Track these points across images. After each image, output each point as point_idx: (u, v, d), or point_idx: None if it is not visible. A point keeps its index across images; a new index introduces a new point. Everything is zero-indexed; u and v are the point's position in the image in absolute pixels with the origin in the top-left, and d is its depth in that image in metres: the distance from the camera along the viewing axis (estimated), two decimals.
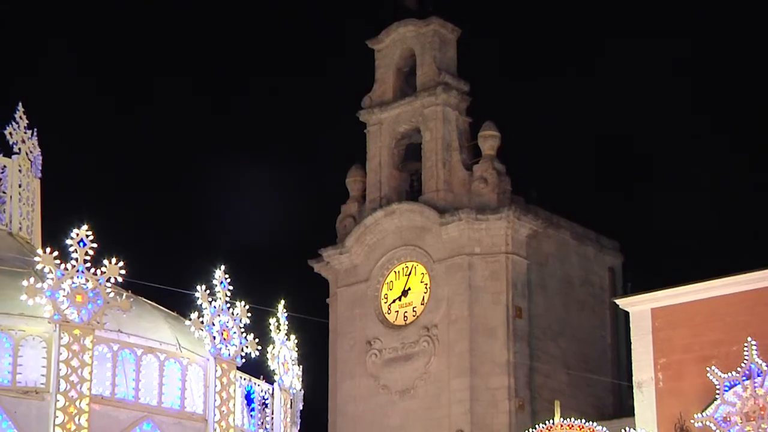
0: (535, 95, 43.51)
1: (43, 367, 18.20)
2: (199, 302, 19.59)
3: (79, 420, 17.98)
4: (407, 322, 37.69)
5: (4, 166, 21.18)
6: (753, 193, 41.24)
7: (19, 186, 21.37)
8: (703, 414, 23.01)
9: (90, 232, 18.56)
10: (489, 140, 37.94)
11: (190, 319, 19.58)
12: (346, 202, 39.89)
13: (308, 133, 48.29)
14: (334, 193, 40.29)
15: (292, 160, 49.02)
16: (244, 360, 20.04)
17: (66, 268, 18.36)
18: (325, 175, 42.98)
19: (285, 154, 48.68)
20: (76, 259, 18.44)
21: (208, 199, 46.15)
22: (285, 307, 21.20)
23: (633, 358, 31.01)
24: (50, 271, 18.28)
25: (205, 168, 48.47)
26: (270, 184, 46.77)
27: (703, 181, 42.93)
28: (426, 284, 37.65)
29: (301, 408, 21.93)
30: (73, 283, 18.31)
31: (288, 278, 38.11)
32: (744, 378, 22.74)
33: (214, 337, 19.57)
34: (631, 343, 31.26)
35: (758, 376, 22.67)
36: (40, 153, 21.68)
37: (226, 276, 19.86)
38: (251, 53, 50.79)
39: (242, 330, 19.93)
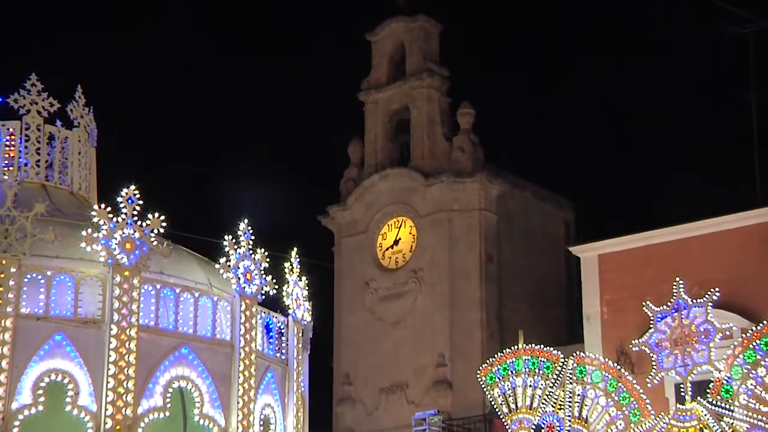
0: (505, 78, 43.51)
1: (99, 302, 18.31)
2: (226, 249, 19.69)
3: (129, 345, 18.11)
4: (398, 266, 37.88)
5: (66, 137, 21.22)
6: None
7: (79, 153, 21.41)
8: (639, 340, 23.11)
9: (137, 192, 18.66)
10: (465, 117, 38.11)
11: (219, 264, 19.68)
12: (347, 167, 40.01)
13: (315, 112, 48.31)
14: (338, 160, 40.46)
15: (303, 132, 49.07)
16: (263, 297, 20.15)
17: (117, 221, 18.45)
18: (330, 145, 42.96)
19: (296, 129, 48.69)
20: (126, 214, 18.54)
21: (236, 166, 46.28)
22: (297, 253, 21.29)
23: (583, 296, 31.19)
24: (104, 224, 18.39)
25: (232, 142, 48.62)
26: (285, 153, 46.91)
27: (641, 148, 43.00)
28: (414, 235, 37.82)
29: (311, 336, 22.03)
30: (123, 233, 18.40)
31: (300, 231, 38.16)
32: (673, 311, 22.81)
33: (239, 278, 19.67)
34: (581, 283, 31.45)
35: (684, 309, 22.74)
36: (95, 126, 21.71)
37: (249, 228, 19.96)
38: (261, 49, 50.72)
39: (262, 272, 20.04)
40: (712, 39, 39.86)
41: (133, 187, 18.68)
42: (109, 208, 18.61)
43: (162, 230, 18.77)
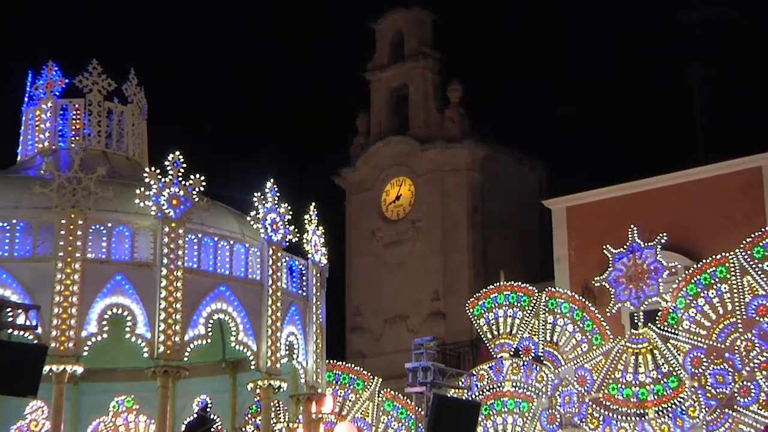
0: (487, 58, 43.37)
1: (151, 248, 18.29)
2: (256, 204, 19.73)
3: (176, 284, 18.12)
4: (399, 217, 38.00)
5: (122, 112, 21.12)
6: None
7: (132, 125, 21.33)
8: (600, 277, 23.30)
9: (181, 156, 18.69)
10: (454, 92, 38.10)
11: (250, 216, 19.72)
12: (356, 136, 40.02)
13: (329, 89, 48.22)
14: (348, 129, 40.50)
15: (318, 110, 48.96)
16: (287, 243, 20.12)
17: (165, 181, 18.43)
18: (342, 117, 42.92)
19: (311, 105, 48.63)
20: (172, 175, 18.53)
21: (264, 135, 46.29)
22: (314, 207, 21.29)
23: (554, 241, 31.28)
24: (154, 183, 18.39)
25: (259, 117, 48.50)
26: (304, 125, 46.88)
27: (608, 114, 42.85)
28: (412, 191, 37.92)
29: (327, 276, 22.05)
30: (170, 191, 18.38)
31: (318, 189, 38.23)
32: (628, 252, 22.99)
33: (267, 228, 19.66)
34: (552, 231, 31.55)
35: (638, 251, 22.91)
36: (146, 102, 21.65)
37: (274, 186, 19.99)
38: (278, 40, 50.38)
39: (286, 223, 20.03)
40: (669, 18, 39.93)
41: (177, 152, 18.73)
42: (158, 170, 18.64)
43: (202, 188, 18.79)
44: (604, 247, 23.50)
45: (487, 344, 24.41)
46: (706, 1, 36.28)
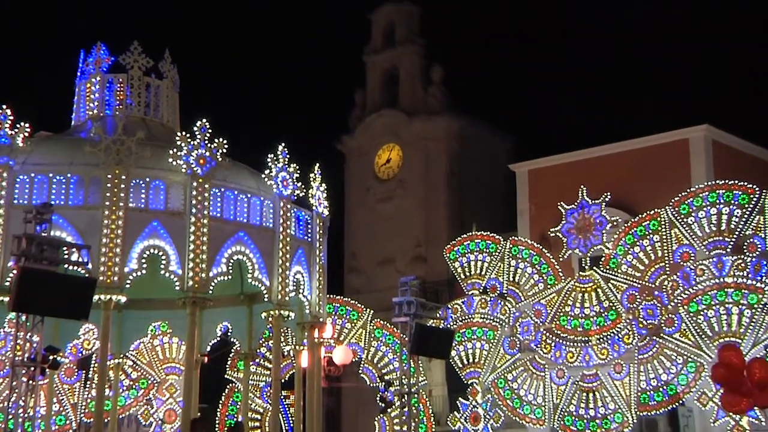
0: (465, 44, 43.22)
1: (182, 199, 18.34)
2: (269, 164, 19.77)
3: (202, 230, 18.16)
4: (389, 177, 38.24)
5: (158, 85, 21.08)
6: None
7: (167, 97, 21.28)
8: (555, 229, 23.48)
9: (207, 123, 18.72)
10: (437, 74, 38.23)
11: (264, 174, 19.75)
12: (354, 109, 40.08)
13: (333, 70, 48.12)
14: (348, 104, 40.53)
15: (323, 86, 48.92)
16: (295, 197, 20.14)
17: (194, 144, 18.47)
18: (342, 92, 42.89)
19: (318, 82, 48.49)
20: (200, 138, 18.55)
21: (276, 107, 46.13)
22: (319, 167, 21.28)
23: (517, 199, 31.48)
24: (185, 145, 18.40)
25: (270, 92, 48.30)
26: (311, 99, 46.81)
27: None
28: (400, 156, 38.13)
29: (328, 225, 22.10)
30: (198, 152, 18.39)
31: (322, 153, 38.30)
32: (579, 208, 23.15)
33: (278, 184, 19.65)
34: (516, 190, 31.71)
35: (586, 207, 23.05)
36: (178, 78, 21.61)
37: (285, 149, 20.02)
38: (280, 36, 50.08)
39: (294, 180, 20.03)
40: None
41: (204, 120, 18.76)
42: (188, 135, 18.68)
43: (224, 150, 18.83)
44: (559, 203, 23.64)
45: (461, 283, 24.66)
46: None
